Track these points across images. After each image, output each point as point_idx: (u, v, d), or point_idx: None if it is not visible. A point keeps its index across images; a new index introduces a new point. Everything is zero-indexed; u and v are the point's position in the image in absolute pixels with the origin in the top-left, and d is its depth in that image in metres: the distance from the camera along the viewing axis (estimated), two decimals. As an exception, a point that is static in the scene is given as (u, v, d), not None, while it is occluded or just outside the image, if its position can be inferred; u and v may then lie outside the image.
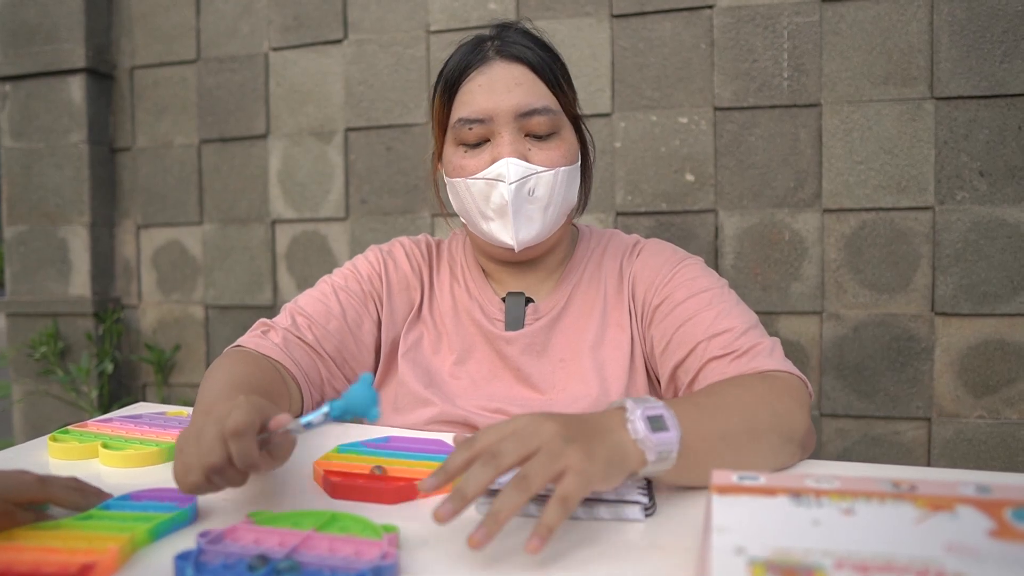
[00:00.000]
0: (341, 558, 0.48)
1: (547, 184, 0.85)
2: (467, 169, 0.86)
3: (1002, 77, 1.41)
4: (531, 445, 0.51)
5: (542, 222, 0.86)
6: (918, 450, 1.49)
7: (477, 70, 0.86)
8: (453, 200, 0.92)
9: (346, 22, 1.79)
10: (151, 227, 1.98)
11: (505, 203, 0.83)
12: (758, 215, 1.55)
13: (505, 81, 0.84)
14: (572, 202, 0.91)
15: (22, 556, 0.48)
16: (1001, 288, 1.43)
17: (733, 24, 1.54)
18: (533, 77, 0.85)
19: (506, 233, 0.85)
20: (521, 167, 0.83)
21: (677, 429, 0.58)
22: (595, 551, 0.52)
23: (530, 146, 0.85)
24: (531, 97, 0.84)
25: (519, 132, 0.85)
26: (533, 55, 0.86)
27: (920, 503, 0.43)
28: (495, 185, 0.84)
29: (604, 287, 0.94)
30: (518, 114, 0.84)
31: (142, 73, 1.96)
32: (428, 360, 0.93)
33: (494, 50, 0.86)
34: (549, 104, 0.86)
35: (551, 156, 0.85)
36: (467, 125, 0.85)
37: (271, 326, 0.89)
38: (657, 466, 0.57)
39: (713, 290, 0.85)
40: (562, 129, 0.87)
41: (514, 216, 0.84)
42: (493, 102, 0.84)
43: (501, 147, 0.84)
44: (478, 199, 0.86)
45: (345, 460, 0.69)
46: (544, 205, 0.85)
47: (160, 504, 0.58)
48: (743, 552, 0.38)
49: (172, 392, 1.99)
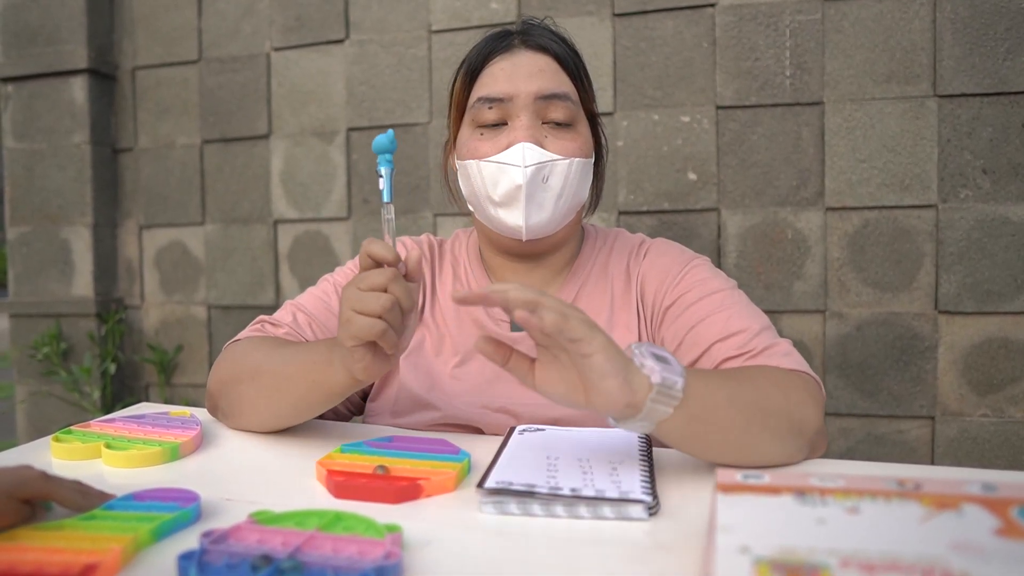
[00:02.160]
0: (344, 558, 0.48)
1: (561, 173, 0.84)
2: (481, 151, 0.85)
3: (1005, 75, 1.40)
4: (576, 314, 0.57)
5: (553, 211, 0.85)
6: (922, 449, 1.49)
7: (501, 55, 0.86)
8: (463, 185, 0.91)
9: (348, 22, 1.79)
10: (153, 227, 1.98)
11: (516, 188, 0.82)
12: (761, 214, 1.55)
13: (528, 67, 0.85)
14: (583, 198, 0.90)
15: (25, 556, 0.48)
16: (1005, 286, 1.42)
17: (735, 22, 1.54)
18: (556, 67, 0.86)
19: (515, 219, 0.84)
20: (537, 152, 0.82)
21: (682, 370, 0.60)
22: (599, 551, 0.52)
23: (547, 134, 0.85)
24: (552, 83, 0.85)
25: (537, 118, 0.85)
26: (558, 47, 0.87)
27: (925, 502, 0.42)
28: (507, 170, 0.83)
29: (611, 288, 0.93)
30: (538, 97, 0.84)
31: (144, 74, 1.97)
32: (430, 362, 0.92)
33: (520, 39, 0.87)
34: (569, 92, 0.86)
35: (567, 146, 0.85)
36: (487, 104, 0.85)
37: (272, 322, 0.89)
38: (661, 402, 0.58)
39: (725, 291, 0.85)
40: (578, 122, 0.87)
41: (527, 201, 0.83)
42: (514, 85, 0.84)
43: (517, 131, 0.84)
44: (488, 183, 0.85)
45: (348, 459, 0.69)
46: (557, 194, 0.84)
47: (163, 504, 0.58)
48: (748, 551, 0.38)
49: (175, 392, 1.99)
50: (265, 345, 0.82)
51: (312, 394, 0.75)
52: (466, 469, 0.68)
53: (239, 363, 0.82)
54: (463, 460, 0.68)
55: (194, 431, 0.79)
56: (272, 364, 0.78)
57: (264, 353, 0.80)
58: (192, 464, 0.73)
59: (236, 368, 0.82)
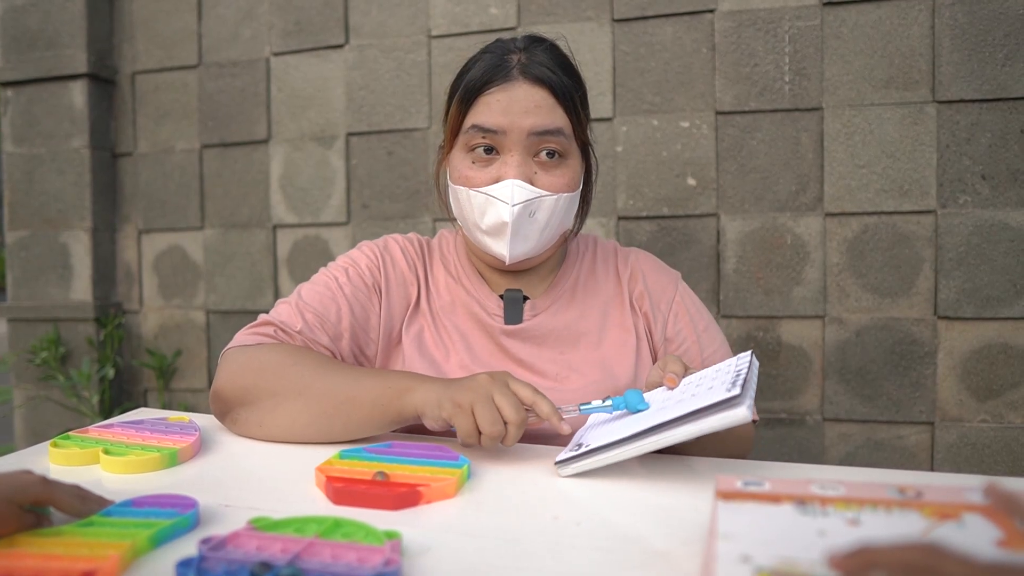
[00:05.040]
0: (344, 565, 0.48)
1: (548, 208, 0.87)
2: (472, 181, 0.87)
3: (1004, 80, 1.41)
4: None
5: (537, 241, 0.89)
6: (921, 455, 1.49)
7: (499, 86, 0.85)
8: (453, 204, 0.94)
9: (347, 27, 1.79)
10: (152, 232, 1.98)
11: (502, 223, 0.85)
12: (760, 219, 1.55)
13: (524, 103, 0.85)
14: (568, 226, 0.94)
15: (23, 563, 0.48)
16: (1004, 292, 1.42)
17: (734, 28, 1.54)
18: (552, 101, 0.86)
19: (500, 248, 0.88)
20: (525, 190, 0.85)
21: None
22: (598, 557, 0.52)
23: (537, 169, 0.87)
24: (547, 120, 0.85)
25: (528, 153, 0.86)
26: (556, 79, 0.86)
27: (926, 512, 0.42)
28: (495, 204, 0.85)
29: (602, 286, 0.98)
30: (531, 133, 0.85)
31: (144, 78, 1.97)
32: (432, 353, 0.94)
33: (519, 69, 0.86)
34: (563, 127, 0.86)
35: (555, 182, 0.87)
36: (480, 133, 0.86)
37: (282, 327, 0.88)
38: None
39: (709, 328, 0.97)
40: (570, 155, 0.89)
41: (512, 235, 0.86)
42: (509, 119, 0.84)
43: (508, 168, 0.85)
44: (476, 212, 0.88)
45: (347, 466, 0.69)
46: (542, 227, 0.88)
47: (161, 511, 0.57)
48: (749, 560, 0.38)
49: (173, 397, 1.99)
50: (308, 360, 0.82)
51: (373, 420, 0.78)
52: (465, 475, 0.68)
53: (273, 375, 0.81)
54: (463, 466, 0.68)
55: (193, 437, 0.79)
56: (326, 384, 0.79)
57: (312, 370, 0.80)
58: (191, 470, 0.73)
59: (270, 380, 0.80)
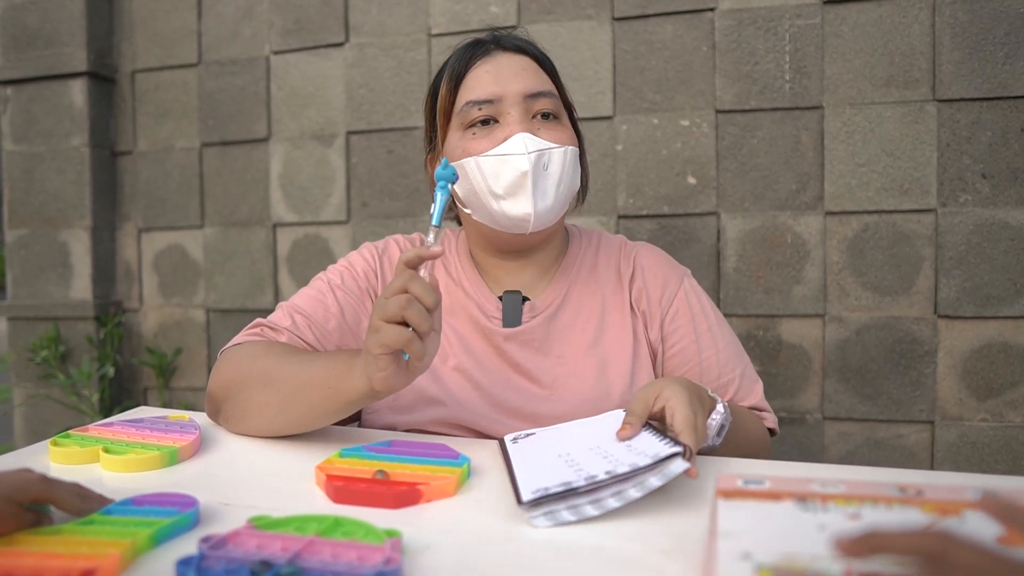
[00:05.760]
0: (344, 563, 0.48)
1: (559, 160, 0.87)
2: (477, 148, 0.87)
3: (1004, 79, 1.41)
4: None
5: (555, 198, 0.87)
6: (921, 453, 1.49)
7: (482, 60, 0.90)
8: (459, 186, 0.91)
9: (347, 25, 1.79)
10: (152, 231, 1.98)
11: (522, 175, 0.84)
12: (760, 218, 1.55)
13: (511, 67, 0.89)
14: (576, 187, 0.94)
15: (23, 561, 0.48)
16: (1004, 291, 1.42)
17: (735, 27, 1.54)
18: (535, 66, 0.91)
19: (522, 207, 0.85)
20: (536, 140, 0.86)
21: None
22: (599, 556, 0.52)
23: (539, 126, 0.88)
24: (536, 81, 0.89)
25: (527, 113, 0.88)
26: (533, 49, 0.93)
27: (927, 508, 0.42)
28: (509, 160, 0.85)
29: (602, 287, 0.96)
30: (526, 95, 0.87)
31: (143, 77, 1.97)
32: None
33: (495, 44, 0.91)
34: (552, 89, 0.91)
35: (559, 135, 0.88)
36: (476, 106, 0.87)
37: (270, 326, 0.89)
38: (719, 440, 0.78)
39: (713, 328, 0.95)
40: (563, 116, 0.92)
41: (533, 188, 0.85)
42: (501, 85, 0.87)
43: (512, 125, 0.86)
44: (489, 178, 0.86)
45: (348, 464, 0.69)
46: (556, 181, 0.87)
47: (161, 509, 0.57)
48: (750, 557, 0.38)
49: (173, 396, 1.99)
50: (275, 351, 0.82)
51: (327, 402, 0.75)
52: (466, 474, 0.68)
53: (246, 368, 0.82)
54: (463, 465, 0.68)
55: (193, 435, 0.79)
56: (286, 371, 0.78)
57: (276, 359, 0.80)
58: (191, 468, 0.73)
59: (243, 373, 0.82)
